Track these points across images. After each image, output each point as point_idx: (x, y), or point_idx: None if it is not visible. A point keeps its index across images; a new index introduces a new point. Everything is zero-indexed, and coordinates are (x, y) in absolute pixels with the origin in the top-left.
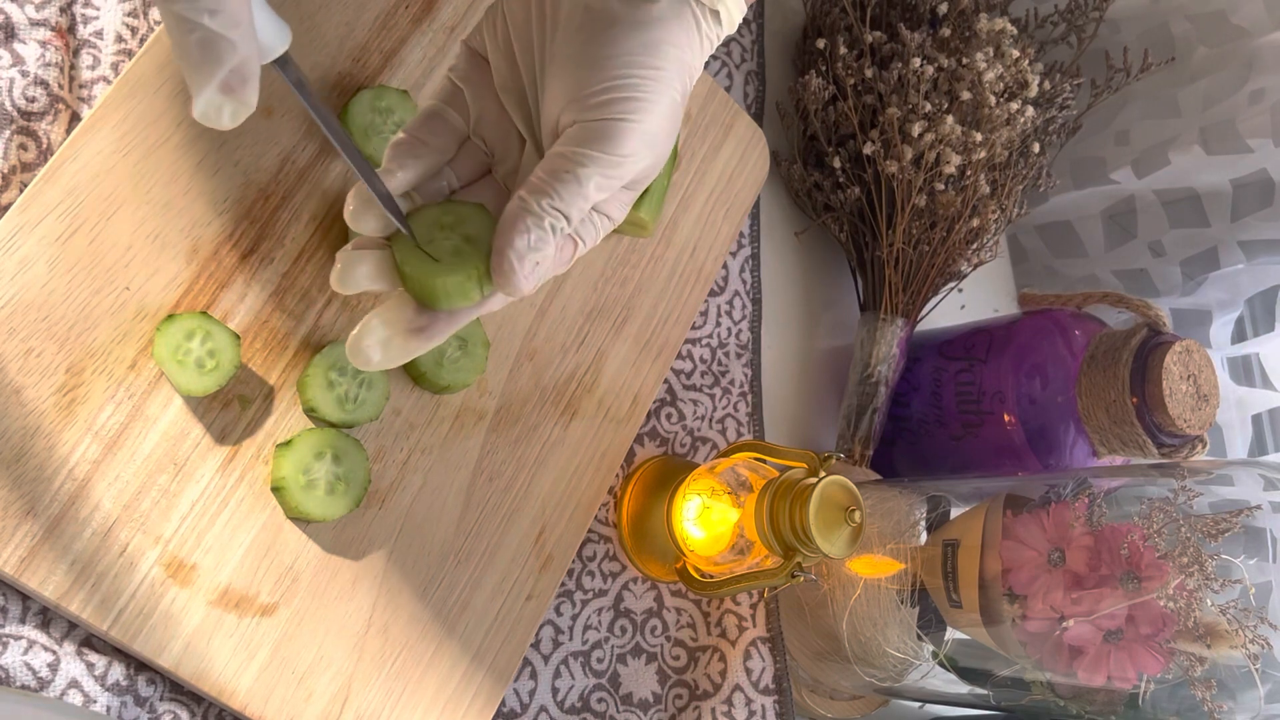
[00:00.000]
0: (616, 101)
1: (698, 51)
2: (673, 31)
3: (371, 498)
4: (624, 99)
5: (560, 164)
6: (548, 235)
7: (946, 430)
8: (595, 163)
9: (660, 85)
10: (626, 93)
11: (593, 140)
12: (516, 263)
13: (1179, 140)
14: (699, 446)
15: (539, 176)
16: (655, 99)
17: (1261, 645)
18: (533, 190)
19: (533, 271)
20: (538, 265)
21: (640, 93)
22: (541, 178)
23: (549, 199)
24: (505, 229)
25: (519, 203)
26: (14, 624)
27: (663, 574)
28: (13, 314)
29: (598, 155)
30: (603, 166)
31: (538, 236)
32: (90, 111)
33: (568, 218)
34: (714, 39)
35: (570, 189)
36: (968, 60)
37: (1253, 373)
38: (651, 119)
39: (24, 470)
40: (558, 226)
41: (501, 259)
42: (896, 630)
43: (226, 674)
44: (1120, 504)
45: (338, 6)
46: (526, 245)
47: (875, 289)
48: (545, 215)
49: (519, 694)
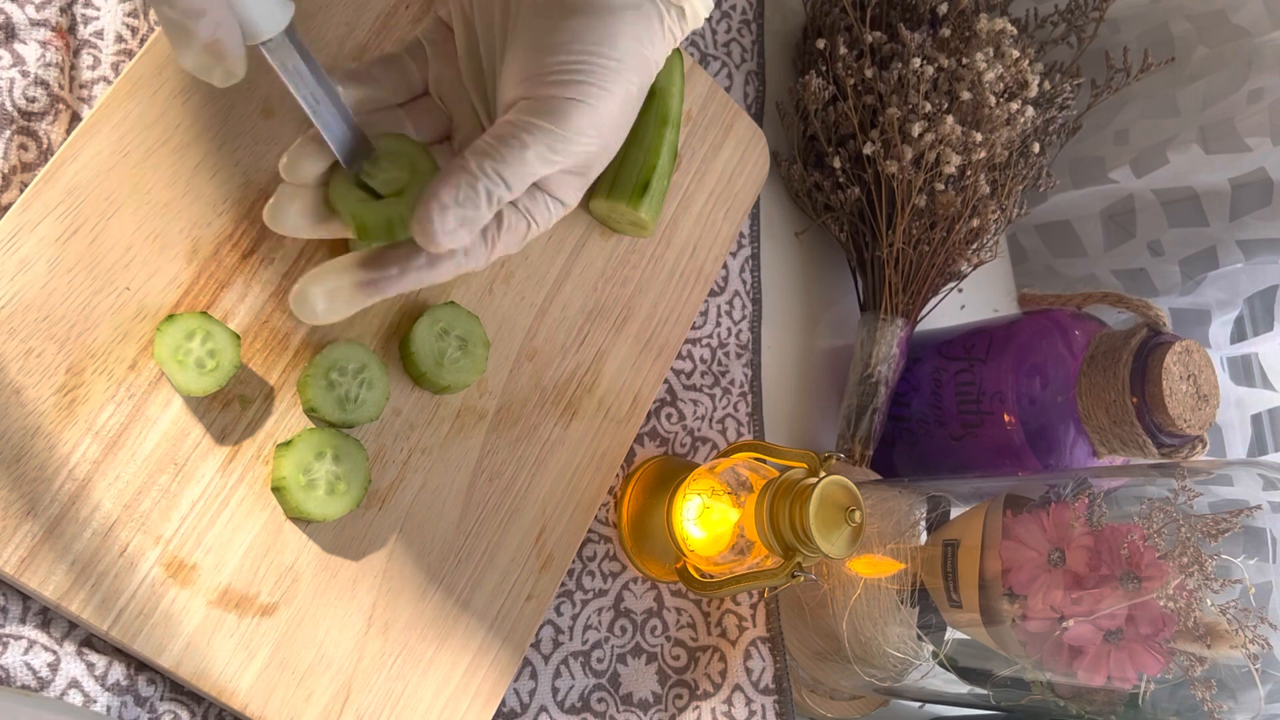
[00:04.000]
0: (570, 83)
1: (659, 45)
2: (633, 24)
3: (371, 498)
4: (577, 81)
5: (506, 130)
6: (479, 196)
7: (946, 430)
8: (541, 132)
9: (615, 75)
10: (580, 76)
11: (541, 113)
12: (438, 214)
13: (1178, 140)
14: (699, 446)
15: (485, 139)
16: (609, 86)
17: (1261, 645)
18: (475, 150)
19: (454, 229)
20: (462, 224)
21: (593, 78)
22: (487, 140)
23: (490, 161)
24: (434, 182)
25: (458, 160)
26: (14, 624)
27: (663, 574)
28: (13, 314)
29: (545, 126)
30: (548, 138)
31: (466, 195)
32: (90, 112)
33: (506, 183)
34: (677, 34)
35: (513, 153)
36: (968, 60)
37: (1252, 372)
38: (603, 104)
39: (24, 470)
40: (494, 192)
41: (424, 207)
42: (896, 630)
43: (227, 674)
44: (1120, 504)
45: (338, 7)
46: (454, 199)
47: (875, 289)
48: (481, 176)
49: (519, 694)
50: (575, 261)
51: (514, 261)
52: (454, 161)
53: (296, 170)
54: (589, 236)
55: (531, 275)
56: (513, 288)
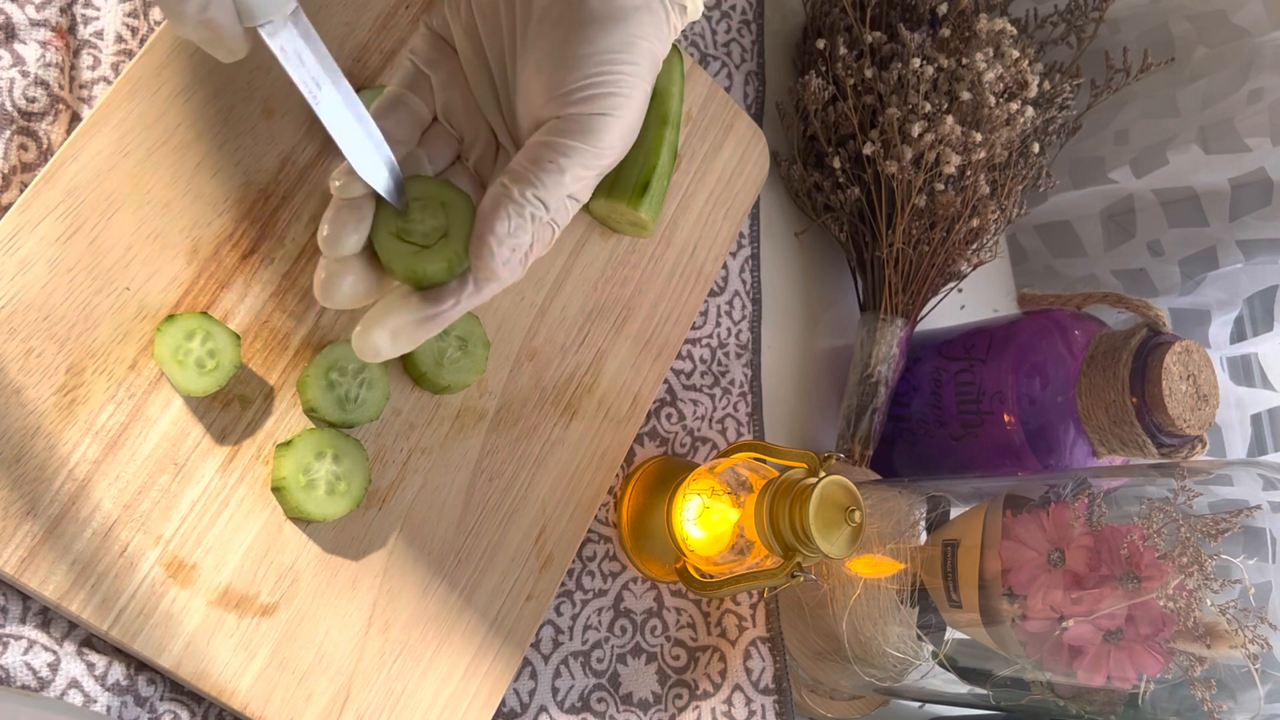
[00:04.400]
0: (598, 98)
1: (665, 41)
2: (645, 25)
3: (371, 498)
4: (605, 95)
5: (543, 153)
6: (527, 223)
7: (946, 430)
8: (578, 154)
9: (637, 80)
10: (608, 89)
11: (576, 133)
12: (496, 247)
13: (1178, 140)
14: (699, 446)
15: (521, 164)
16: (633, 93)
17: (1261, 645)
18: (515, 178)
19: (510, 257)
20: (515, 251)
21: (620, 89)
22: (524, 165)
23: (531, 187)
24: (486, 215)
25: (500, 189)
26: (14, 624)
27: (663, 574)
28: (13, 314)
29: (580, 147)
30: (585, 158)
31: (517, 224)
32: (90, 112)
33: (546, 205)
34: (677, 27)
35: (552, 178)
36: (968, 60)
37: (1252, 372)
38: (629, 113)
39: (24, 470)
40: (537, 215)
41: (481, 244)
42: (896, 630)
43: (227, 674)
44: (1120, 504)
45: (338, 6)
46: (506, 231)
47: (875, 289)
48: (526, 204)
49: (519, 694)
50: (575, 261)
51: None
52: (495, 192)
53: (340, 245)
54: (589, 236)
55: (531, 275)
56: (512, 288)
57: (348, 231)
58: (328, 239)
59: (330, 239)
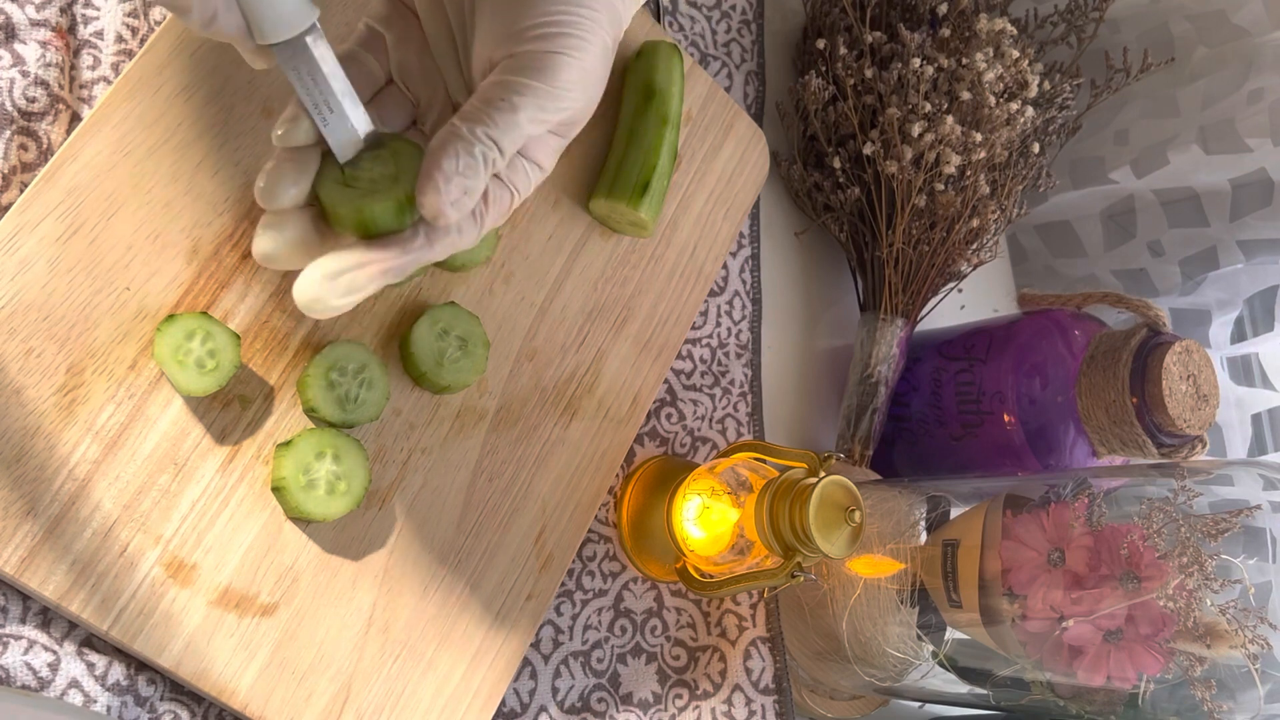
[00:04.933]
0: (552, 36)
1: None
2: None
3: (371, 498)
4: (560, 34)
5: (495, 91)
6: (477, 163)
7: (946, 430)
8: (531, 92)
9: (594, 25)
10: (562, 28)
11: (529, 70)
12: (443, 184)
13: (1178, 140)
14: (699, 446)
15: (473, 104)
16: (590, 37)
17: (1261, 645)
18: (464, 117)
19: (460, 199)
20: (465, 194)
21: (575, 30)
22: (475, 105)
23: (482, 126)
24: (433, 152)
25: (449, 128)
26: (14, 624)
27: (663, 574)
28: (13, 314)
29: (534, 84)
30: (539, 97)
31: (466, 163)
32: (90, 112)
33: (500, 147)
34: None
35: (504, 116)
36: (968, 60)
37: (1252, 372)
38: (585, 57)
39: (24, 470)
40: (489, 156)
41: (427, 180)
42: (896, 630)
43: (227, 674)
44: (1120, 504)
45: (338, 6)
46: (455, 168)
47: (875, 289)
48: (476, 142)
49: (519, 694)
50: (575, 261)
51: (514, 261)
52: (445, 130)
53: (276, 197)
54: (589, 236)
55: (531, 275)
56: (513, 288)
57: (286, 183)
58: (264, 190)
59: (267, 190)
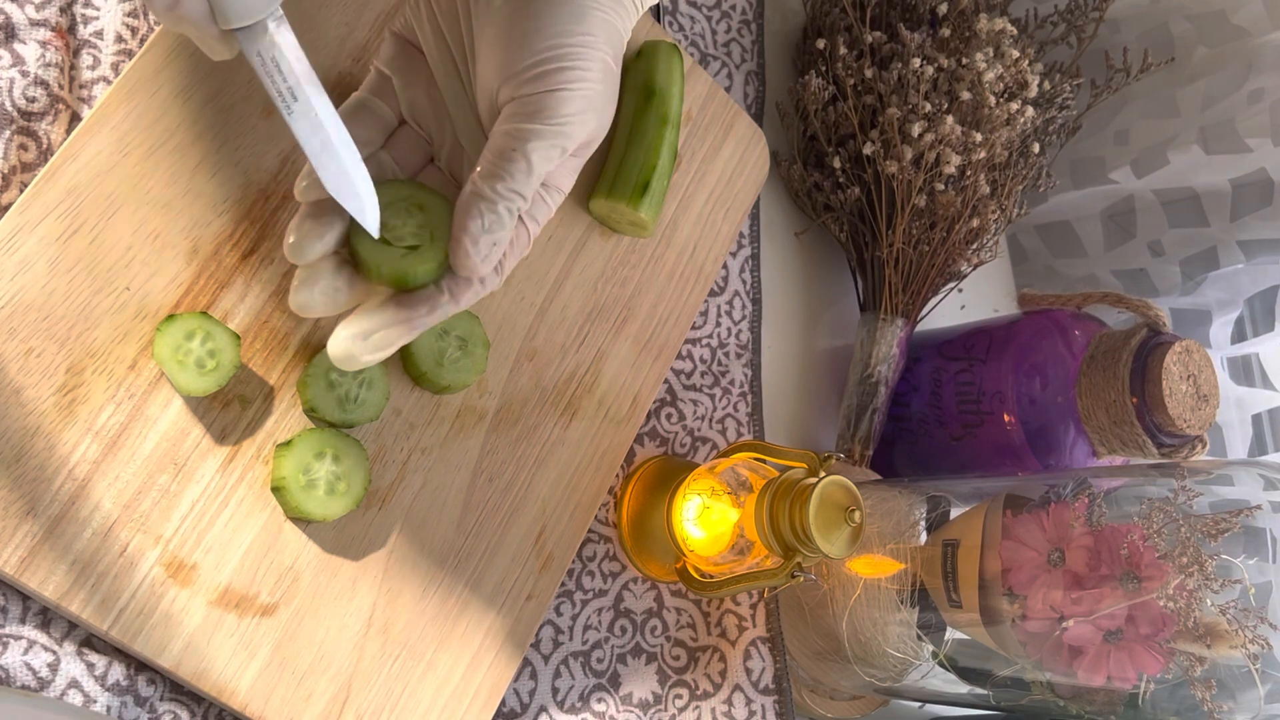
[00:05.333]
0: (550, 74)
1: (626, 15)
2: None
3: (371, 498)
4: (557, 69)
5: (506, 143)
6: (502, 218)
7: (946, 430)
8: (539, 135)
9: (592, 52)
10: (559, 63)
11: (535, 115)
12: (471, 246)
13: (1178, 140)
14: (699, 446)
15: (488, 159)
16: (588, 64)
17: (1261, 645)
18: (484, 175)
19: (489, 253)
20: (495, 246)
21: (572, 61)
22: (491, 160)
23: (501, 181)
24: (460, 215)
25: (472, 188)
26: (14, 624)
27: (663, 574)
28: (13, 314)
29: (540, 128)
30: (547, 138)
31: (491, 220)
32: (90, 112)
33: (522, 195)
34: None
35: (519, 167)
36: (968, 60)
37: (1252, 373)
38: (588, 84)
39: (24, 470)
40: (512, 208)
41: (458, 245)
42: (896, 630)
43: (227, 674)
44: (1120, 504)
45: (338, 6)
46: (481, 228)
47: (875, 289)
48: (499, 199)
49: (519, 694)
50: (575, 261)
51: None
52: (467, 191)
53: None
54: (589, 236)
55: (531, 275)
56: (513, 288)
57: (312, 239)
58: (292, 246)
59: (295, 247)
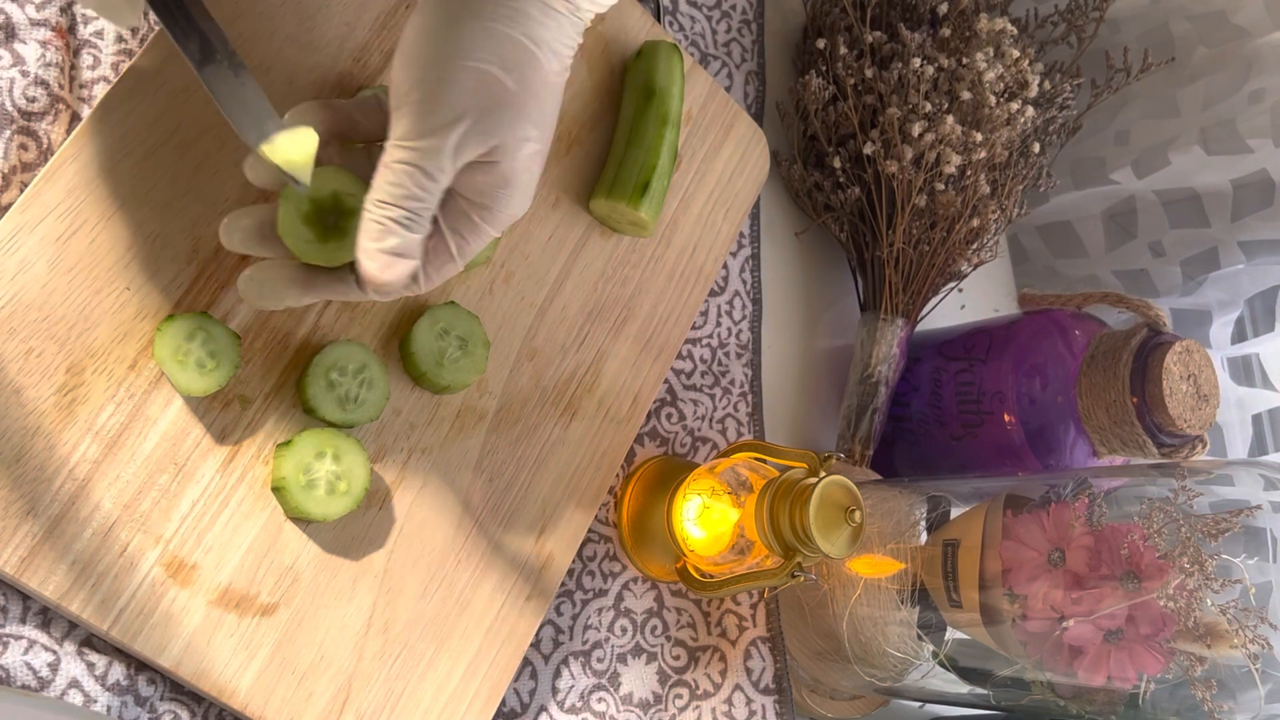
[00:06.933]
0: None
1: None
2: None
3: (371, 498)
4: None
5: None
6: (394, 230)
7: (946, 430)
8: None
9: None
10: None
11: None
12: (366, 260)
13: (1179, 140)
14: (699, 446)
15: (375, 177)
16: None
17: (1261, 645)
18: (373, 190)
19: (391, 263)
20: (399, 258)
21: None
22: (378, 177)
23: (388, 195)
24: (361, 227)
25: (371, 193)
26: (14, 624)
27: (663, 574)
28: (13, 314)
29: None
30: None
31: (379, 231)
32: (90, 111)
33: (427, 178)
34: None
35: (402, 185)
36: (968, 60)
37: (1253, 373)
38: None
39: (24, 470)
40: (409, 217)
41: (360, 251)
42: (896, 630)
43: (227, 674)
44: (1120, 504)
45: (338, 6)
46: (371, 241)
47: (875, 289)
48: (385, 212)
49: (519, 694)
50: (575, 261)
51: (514, 261)
52: (368, 196)
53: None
54: (589, 236)
55: (531, 275)
56: (513, 288)
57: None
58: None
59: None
